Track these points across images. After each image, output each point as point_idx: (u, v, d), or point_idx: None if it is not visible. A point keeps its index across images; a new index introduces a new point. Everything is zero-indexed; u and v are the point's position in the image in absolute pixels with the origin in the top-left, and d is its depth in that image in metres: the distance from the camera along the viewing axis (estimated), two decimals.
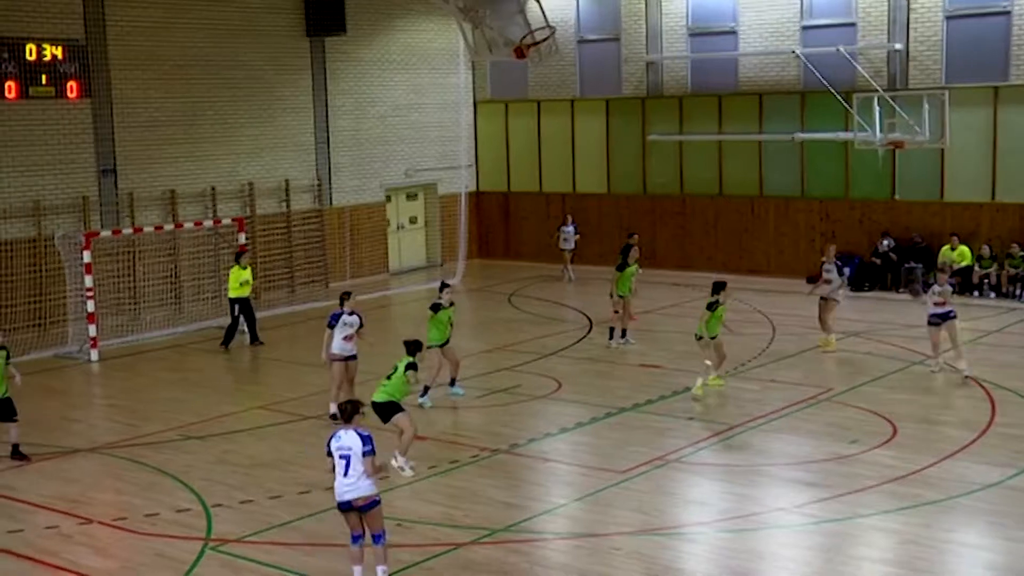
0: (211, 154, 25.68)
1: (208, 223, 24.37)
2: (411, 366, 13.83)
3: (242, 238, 23.67)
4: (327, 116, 28.16)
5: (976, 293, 24.08)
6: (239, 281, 21.29)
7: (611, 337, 20.33)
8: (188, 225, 23.95)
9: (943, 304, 17.67)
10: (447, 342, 16.86)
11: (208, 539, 11.67)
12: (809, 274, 26.85)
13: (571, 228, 28.74)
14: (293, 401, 16.98)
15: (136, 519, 12.30)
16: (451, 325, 16.94)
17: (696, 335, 17.15)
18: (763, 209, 27.86)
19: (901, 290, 25.14)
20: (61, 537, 11.89)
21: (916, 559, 10.78)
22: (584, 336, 21.50)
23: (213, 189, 25.67)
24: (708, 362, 16.92)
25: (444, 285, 17.47)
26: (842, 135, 24.87)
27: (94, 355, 20.68)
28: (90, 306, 20.79)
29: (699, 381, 16.67)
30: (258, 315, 23.59)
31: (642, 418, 15.77)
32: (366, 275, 28.81)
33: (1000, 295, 24.10)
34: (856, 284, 25.67)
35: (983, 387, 16.74)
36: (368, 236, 29.32)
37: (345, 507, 10.14)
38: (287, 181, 27.24)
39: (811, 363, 18.86)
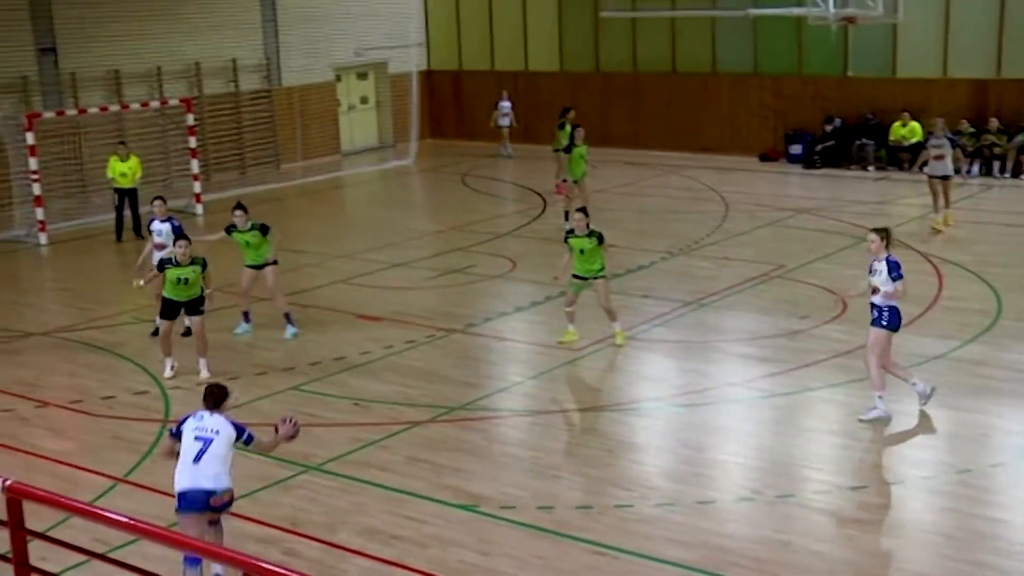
0: (155, 32, 25.01)
1: (155, 104, 23.88)
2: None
3: (190, 119, 23.23)
4: None
5: None
6: (118, 172, 20.40)
7: (567, 219, 20.25)
8: (134, 106, 23.45)
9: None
10: (257, 265, 14.47)
11: (166, 420, 11.71)
12: (762, 152, 26.98)
13: (507, 104, 28.61)
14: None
15: (92, 402, 12.31)
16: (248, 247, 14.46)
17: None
18: (716, 86, 27.73)
19: (852, 167, 25.33)
20: (19, 420, 11.89)
21: (863, 429, 11.05)
22: (539, 215, 21.50)
23: (159, 69, 25.09)
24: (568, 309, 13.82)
25: (239, 205, 14.53)
26: (795, 10, 24.61)
27: (43, 239, 20.42)
28: (36, 189, 20.43)
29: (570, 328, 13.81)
30: (209, 197, 23.37)
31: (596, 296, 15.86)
32: (317, 156, 28.50)
33: None
34: (808, 161, 25.82)
35: (931, 262, 17.00)
36: (318, 117, 28.89)
37: (192, 501, 7.73)
38: (235, 61, 26.67)
39: (763, 240, 19.02)
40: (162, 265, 12.93)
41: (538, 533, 9.06)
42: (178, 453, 7.90)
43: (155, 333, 13.96)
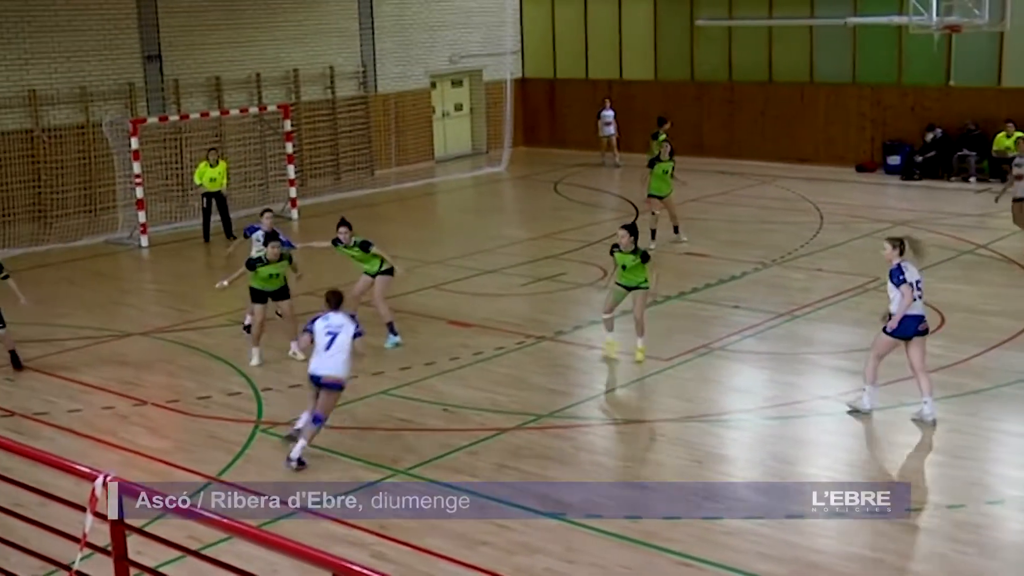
0: (255, 40, 25.51)
1: (253, 110, 24.34)
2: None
3: (287, 125, 23.64)
4: (371, 1, 27.81)
5: None
6: (207, 177, 20.96)
7: (653, 239, 18.90)
8: (234, 112, 23.94)
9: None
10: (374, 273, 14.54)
11: (259, 422, 11.92)
12: (859, 162, 26.55)
13: (610, 113, 28.48)
14: (338, 287, 17.06)
15: (189, 401, 12.58)
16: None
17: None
18: (813, 96, 27.38)
19: (952, 178, 24.79)
20: (118, 417, 12.21)
21: (960, 447, 10.81)
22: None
23: (258, 76, 25.57)
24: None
25: (343, 222, 14.48)
26: (896, 19, 24.22)
27: (144, 241, 20.93)
28: (139, 192, 20.95)
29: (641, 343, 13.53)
30: (304, 202, 23.75)
31: (687, 306, 15.79)
32: (412, 162, 28.75)
33: None
34: (906, 172, 25.35)
35: None
36: (413, 123, 29.16)
37: (315, 380, 10.60)
38: (332, 68, 27.07)
39: (858, 252, 18.70)
40: (252, 264, 13.61)
41: (624, 542, 9.03)
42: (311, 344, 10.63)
43: (247, 328, 14.33)
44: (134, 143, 20.90)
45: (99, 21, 22.87)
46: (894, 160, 25.86)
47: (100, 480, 5.43)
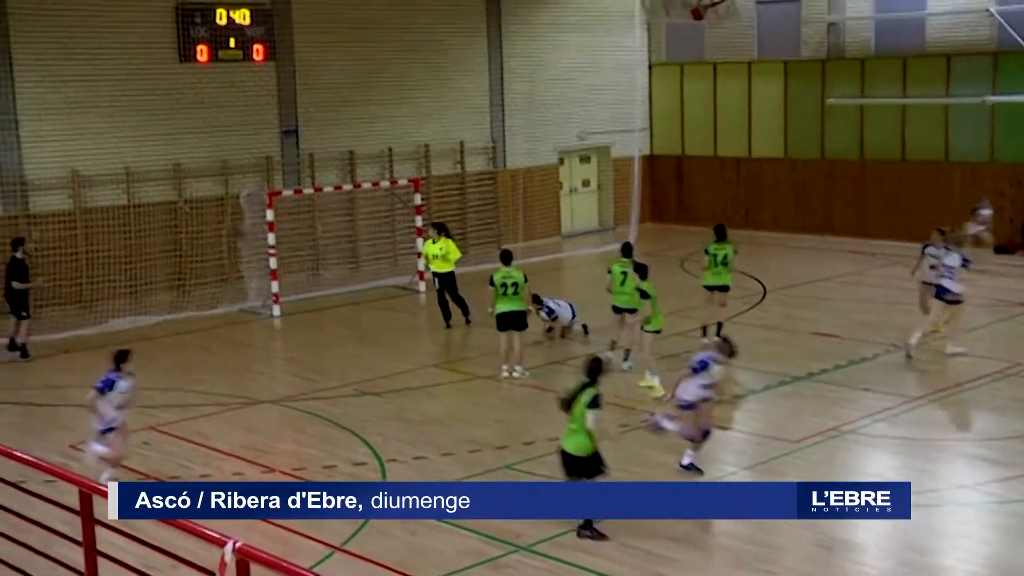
0: (388, 116, 26.13)
1: (385, 183, 24.86)
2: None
3: (418, 199, 24.06)
4: (502, 78, 28.29)
5: None
6: (430, 254, 20.08)
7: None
8: (366, 185, 24.49)
9: None
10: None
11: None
12: (997, 243, 25.81)
13: (986, 211, 24.86)
14: (465, 360, 17.26)
15: (315, 470, 12.74)
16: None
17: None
18: (948, 175, 26.78)
19: None
20: None
21: None
22: (758, 303, 21.15)
23: (390, 150, 26.15)
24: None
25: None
26: None
27: (276, 310, 21.41)
28: (273, 263, 21.50)
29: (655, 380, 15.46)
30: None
31: (816, 387, 15.46)
32: (539, 237, 28.93)
33: None
34: None
35: None
36: (541, 199, 29.40)
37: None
38: (462, 143, 27.54)
39: (999, 336, 18.12)
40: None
41: None
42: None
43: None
44: (269, 215, 21.50)
45: (241, 98, 23.71)
46: None
47: (229, 546, 5.53)
